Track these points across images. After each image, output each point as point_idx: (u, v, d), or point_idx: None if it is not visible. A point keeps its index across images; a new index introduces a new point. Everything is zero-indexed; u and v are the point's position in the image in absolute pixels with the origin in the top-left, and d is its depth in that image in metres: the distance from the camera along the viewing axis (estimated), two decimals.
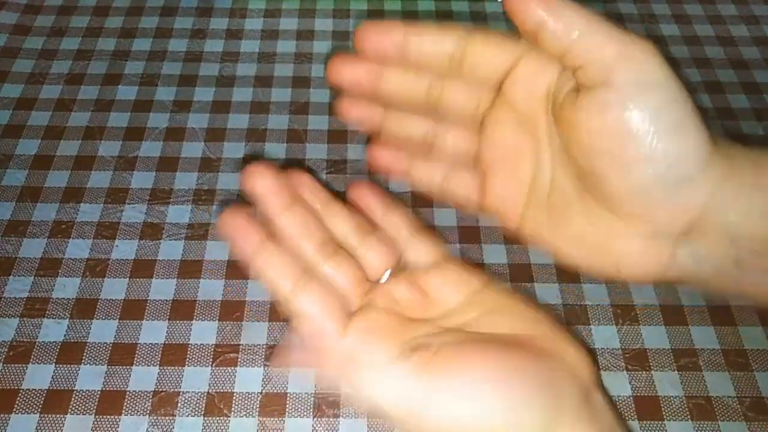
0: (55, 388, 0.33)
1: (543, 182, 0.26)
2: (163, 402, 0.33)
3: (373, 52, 0.26)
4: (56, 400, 0.32)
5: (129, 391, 0.33)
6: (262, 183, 0.26)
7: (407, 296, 0.26)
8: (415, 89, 0.27)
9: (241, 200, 0.27)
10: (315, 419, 0.32)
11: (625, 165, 0.22)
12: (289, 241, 0.27)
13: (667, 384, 0.33)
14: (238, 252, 0.26)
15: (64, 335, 0.35)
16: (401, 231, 0.28)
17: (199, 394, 0.33)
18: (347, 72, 0.27)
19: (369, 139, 0.29)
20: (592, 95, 0.22)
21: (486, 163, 0.27)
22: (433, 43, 0.26)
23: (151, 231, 0.39)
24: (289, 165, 0.32)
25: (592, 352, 0.26)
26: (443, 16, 0.52)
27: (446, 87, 0.27)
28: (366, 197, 0.29)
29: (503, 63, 0.25)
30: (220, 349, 0.34)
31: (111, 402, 0.32)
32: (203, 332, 0.35)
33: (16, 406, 0.32)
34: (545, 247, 0.26)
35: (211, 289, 0.37)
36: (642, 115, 0.21)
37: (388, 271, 0.28)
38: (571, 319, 0.36)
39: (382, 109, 0.28)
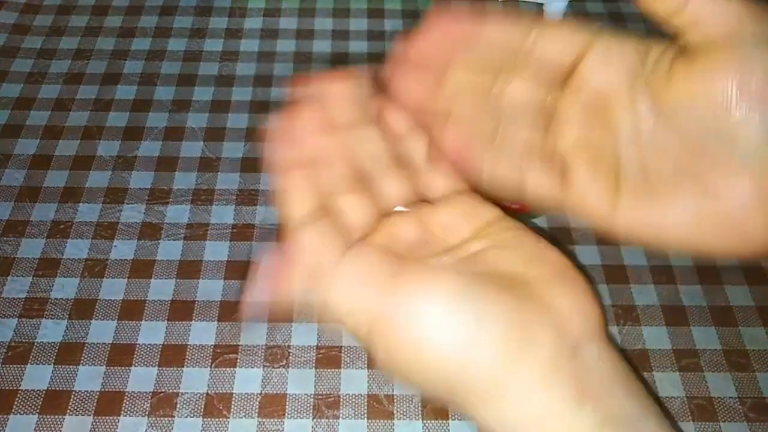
0: (53, 388, 0.33)
1: (632, 166, 0.25)
2: (162, 403, 0.32)
3: (440, 41, 0.26)
4: (55, 401, 0.32)
5: (128, 391, 0.33)
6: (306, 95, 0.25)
7: (409, 234, 0.25)
8: (483, 79, 0.27)
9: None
10: (314, 420, 0.32)
11: (761, 108, 0.21)
12: (315, 164, 0.26)
13: (669, 385, 0.33)
14: (271, 164, 0.25)
15: (63, 335, 0.35)
16: (418, 158, 0.27)
17: (198, 394, 0.33)
18: (412, 83, 0.26)
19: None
20: (720, 50, 0.22)
21: (563, 156, 0.26)
22: (501, 34, 0.25)
23: (150, 231, 0.39)
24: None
25: (601, 306, 0.24)
26: None
27: (511, 80, 0.26)
28: (393, 113, 0.27)
29: (572, 52, 0.25)
30: (219, 350, 0.34)
31: (110, 402, 0.32)
32: (202, 333, 0.35)
33: (14, 406, 0.32)
34: (649, 233, 0.24)
35: (210, 289, 0.37)
36: None
37: (400, 207, 0.27)
38: None
39: (446, 93, 0.27)
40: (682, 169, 0.24)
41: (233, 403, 0.32)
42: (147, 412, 0.32)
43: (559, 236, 0.39)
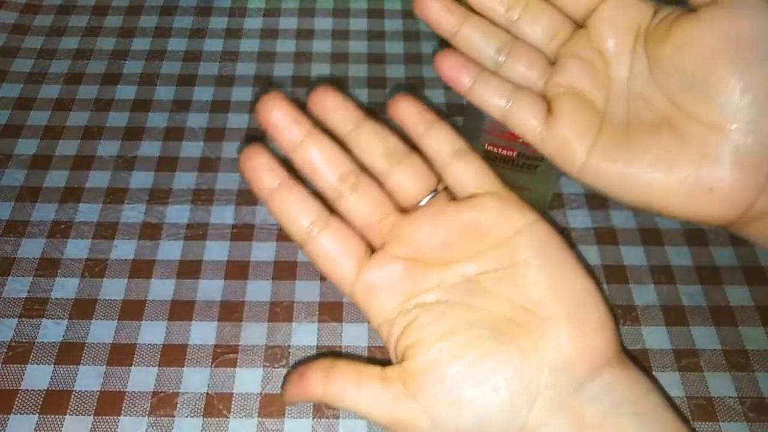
0: (54, 388, 0.33)
1: (619, 113, 0.25)
2: (162, 403, 0.32)
3: None
4: (55, 401, 0.32)
5: (128, 391, 0.33)
6: (276, 114, 0.25)
7: (430, 237, 0.25)
8: (494, 8, 0.27)
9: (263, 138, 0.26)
10: (314, 420, 0.32)
11: (748, 67, 0.22)
12: (309, 175, 0.26)
13: (668, 384, 0.33)
14: (257, 192, 0.25)
15: (63, 335, 0.35)
16: (443, 151, 0.26)
17: (199, 394, 0.33)
18: None
19: (441, 44, 0.28)
20: (719, 4, 0.22)
21: (556, 91, 0.26)
22: None
23: (150, 231, 0.39)
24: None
25: (615, 332, 0.24)
26: None
27: (529, 9, 0.27)
28: (406, 111, 0.26)
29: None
30: (219, 350, 0.34)
31: (110, 402, 0.32)
32: (202, 333, 0.35)
33: (15, 406, 0.32)
34: (616, 184, 0.24)
35: (210, 289, 0.37)
36: None
37: (426, 199, 0.26)
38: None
39: (461, 12, 0.27)
40: (663, 121, 0.24)
41: (233, 402, 0.32)
42: (147, 412, 0.32)
43: None
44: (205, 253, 0.38)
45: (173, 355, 0.34)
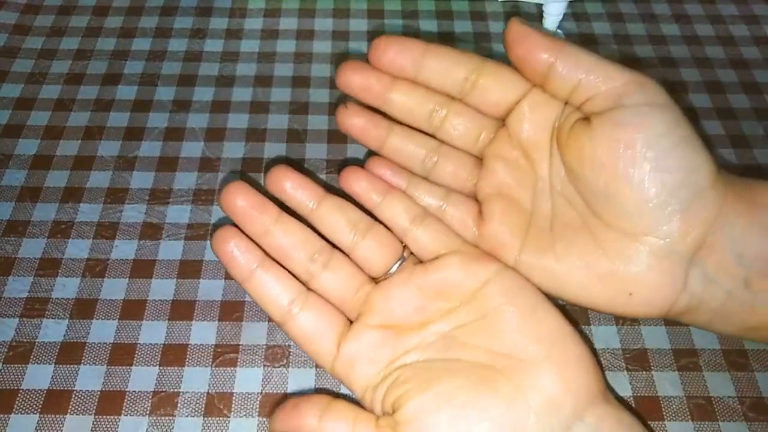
0: (54, 388, 0.33)
1: (544, 213, 0.26)
2: (163, 402, 0.33)
3: (389, 64, 0.26)
4: (56, 401, 0.32)
5: (129, 391, 0.33)
6: (241, 203, 0.26)
7: (402, 303, 0.26)
8: (420, 110, 0.27)
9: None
10: None
11: (641, 178, 0.22)
12: (281, 260, 0.27)
13: (668, 384, 0.33)
14: (234, 277, 0.26)
15: (64, 335, 0.35)
16: (401, 219, 0.27)
17: (199, 394, 0.33)
18: (358, 78, 0.26)
19: (368, 154, 0.28)
20: (605, 116, 0.23)
21: (485, 193, 0.27)
22: (449, 66, 0.25)
23: (151, 231, 0.39)
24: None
25: (597, 368, 0.24)
26: (443, 16, 0.52)
27: (451, 114, 0.27)
28: (357, 184, 0.27)
29: (510, 96, 0.26)
30: (219, 350, 0.34)
31: (111, 402, 0.32)
32: (203, 332, 0.35)
33: (15, 406, 0.32)
34: (546, 281, 0.25)
35: (210, 289, 0.37)
36: (657, 129, 0.22)
37: (394, 267, 0.27)
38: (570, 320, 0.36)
39: (386, 124, 0.28)
40: (582, 223, 0.25)
41: (234, 402, 0.33)
42: (148, 412, 0.32)
43: None
44: (205, 253, 0.38)
45: (174, 354, 0.34)
